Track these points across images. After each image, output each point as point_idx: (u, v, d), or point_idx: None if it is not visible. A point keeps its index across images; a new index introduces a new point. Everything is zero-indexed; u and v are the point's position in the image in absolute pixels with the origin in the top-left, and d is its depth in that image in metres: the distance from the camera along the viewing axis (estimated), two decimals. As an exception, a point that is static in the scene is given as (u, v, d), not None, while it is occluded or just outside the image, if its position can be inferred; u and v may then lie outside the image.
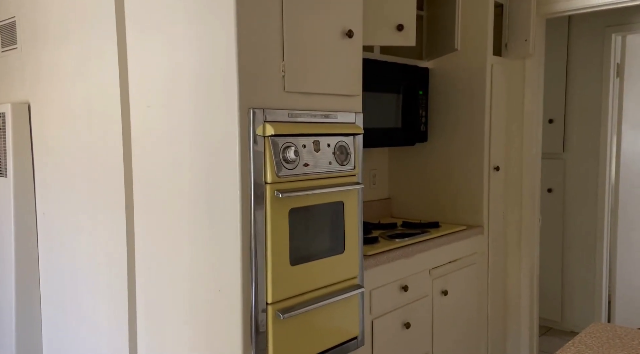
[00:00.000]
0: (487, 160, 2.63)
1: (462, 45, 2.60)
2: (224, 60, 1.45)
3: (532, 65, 2.67)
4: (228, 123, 1.46)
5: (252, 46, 1.46)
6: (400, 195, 2.94)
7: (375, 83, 2.39)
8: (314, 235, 1.68)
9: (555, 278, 3.65)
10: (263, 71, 1.49)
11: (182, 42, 1.56)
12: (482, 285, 2.67)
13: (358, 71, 1.82)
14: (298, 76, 1.60)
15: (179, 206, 1.63)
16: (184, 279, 1.63)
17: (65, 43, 1.90)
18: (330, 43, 1.70)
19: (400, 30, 2.11)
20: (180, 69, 1.57)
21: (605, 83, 3.37)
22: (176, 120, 1.60)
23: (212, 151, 1.52)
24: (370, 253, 2.03)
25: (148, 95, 1.68)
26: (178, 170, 1.62)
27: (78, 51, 1.85)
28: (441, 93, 2.70)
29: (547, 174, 3.60)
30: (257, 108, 1.48)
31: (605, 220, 3.45)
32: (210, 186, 1.53)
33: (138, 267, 1.78)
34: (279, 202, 1.53)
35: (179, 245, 1.64)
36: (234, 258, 1.48)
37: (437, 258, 2.36)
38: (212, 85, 1.49)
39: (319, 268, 1.68)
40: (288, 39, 1.56)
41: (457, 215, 2.71)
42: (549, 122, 3.57)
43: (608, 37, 3.32)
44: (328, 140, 1.70)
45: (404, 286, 2.14)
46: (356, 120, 1.83)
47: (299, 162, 1.59)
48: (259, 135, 1.49)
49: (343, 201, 1.77)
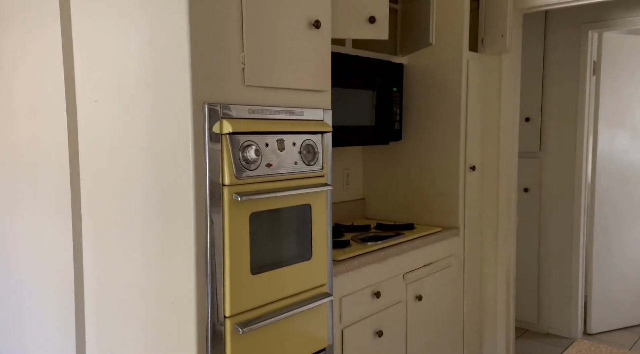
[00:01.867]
0: (462, 160, 2.54)
1: (438, 40, 2.51)
2: (175, 51, 1.31)
3: (508, 61, 2.59)
4: (180, 119, 1.32)
5: (207, 35, 1.33)
6: (374, 196, 2.83)
7: (346, 79, 2.27)
8: (278, 240, 1.56)
9: (531, 278, 3.60)
10: (220, 63, 1.36)
11: (131, 30, 1.42)
12: (457, 288, 2.59)
13: (326, 65, 1.70)
14: (260, 69, 1.47)
15: (130, 211, 1.49)
16: (136, 290, 1.49)
17: (4, 29, 1.74)
18: (296, 34, 1.57)
19: (372, 23, 2.00)
20: (130, 60, 1.43)
21: (582, 81, 3.32)
22: (126, 116, 1.46)
23: (164, 150, 1.38)
24: (340, 258, 1.92)
25: (95, 88, 1.54)
26: (129, 171, 1.48)
27: (19, 38, 1.69)
28: (416, 90, 2.60)
29: (523, 173, 3.54)
30: (213, 104, 1.35)
31: (582, 220, 3.41)
32: (163, 188, 1.39)
33: (87, 276, 1.63)
34: (238, 206, 1.40)
35: (130, 252, 1.50)
36: (188, 268, 1.35)
37: (411, 262, 2.26)
38: (163, 78, 1.36)
39: (283, 276, 1.56)
40: (248, 28, 1.43)
41: (433, 216, 2.61)
42: (526, 120, 3.51)
43: (585, 33, 3.27)
44: (293, 139, 1.58)
45: (376, 292, 2.04)
46: (325, 117, 1.71)
47: (260, 162, 1.47)
48: (216, 133, 1.36)
49: (310, 203, 1.65)
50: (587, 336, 3.51)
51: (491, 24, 2.57)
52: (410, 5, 2.49)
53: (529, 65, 3.45)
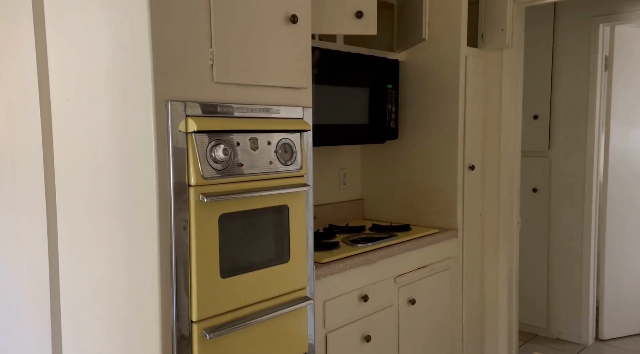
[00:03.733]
0: (461, 159, 2.45)
1: (435, 35, 2.43)
2: (137, 47, 1.27)
3: (510, 56, 2.49)
4: (143, 118, 1.29)
5: (170, 31, 1.28)
6: (373, 196, 2.76)
7: (338, 76, 2.21)
8: (252, 242, 1.51)
9: (540, 282, 3.47)
10: (185, 59, 1.32)
11: (97, 26, 1.39)
12: (456, 292, 2.50)
13: (306, 61, 1.64)
14: (231, 65, 1.42)
15: (99, 212, 1.46)
16: (106, 293, 1.46)
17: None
18: (271, 29, 1.52)
19: (359, 18, 1.94)
20: (96, 58, 1.40)
21: (593, 77, 3.18)
22: (93, 115, 1.43)
23: (128, 150, 1.34)
24: (325, 260, 1.86)
25: (67, 87, 1.51)
26: (97, 172, 1.44)
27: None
28: (412, 87, 2.53)
29: (531, 173, 3.42)
30: (177, 101, 1.30)
31: (593, 222, 3.28)
32: (128, 189, 1.36)
33: (62, 279, 1.61)
34: (205, 207, 1.36)
35: (99, 254, 1.47)
36: (152, 271, 1.31)
37: (403, 265, 2.19)
38: (127, 76, 1.32)
39: (257, 279, 1.51)
40: (217, 23, 1.38)
41: (431, 217, 2.53)
42: (534, 118, 3.39)
43: (595, 27, 3.14)
44: (268, 137, 1.53)
45: (364, 295, 1.97)
46: (304, 115, 1.66)
47: (231, 162, 1.42)
48: (182, 132, 1.32)
49: (288, 204, 1.60)
50: (598, 342, 3.38)
51: (491, 19, 2.47)
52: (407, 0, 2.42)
53: (537, 60, 3.33)
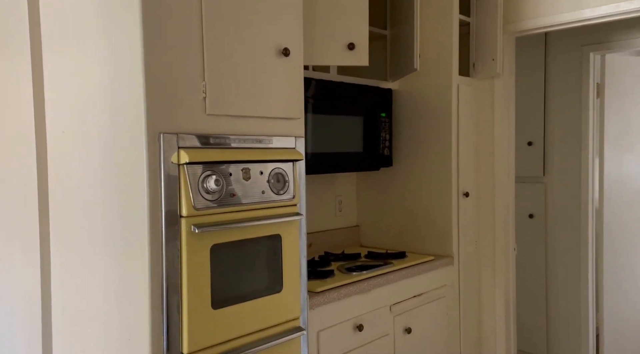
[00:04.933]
0: (455, 186, 2.47)
1: (427, 65, 2.47)
2: (130, 80, 1.30)
3: (501, 85, 2.53)
4: (136, 150, 1.30)
5: (163, 65, 1.31)
6: (368, 223, 2.77)
7: (332, 105, 2.24)
8: (245, 273, 1.51)
9: (539, 309, 3.44)
10: (178, 92, 1.35)
11: (92, 60, 1.42)
12: (453, 320, 2.48)
13: (298, 92, 1.67)
14: (223, 98, 1.45)
15: (91, 243, 1.46)
16: (96, 325, 1.46)
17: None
18: (263, 62, 1.55)
19: (351, 49, 1.98)
20: (91, 91, 1.43)
21: (585, 104, 3.23)
22: (87, 148, 1.45)
23: (121, 182, 1.36)
24: (319, 289, 1.86)
25: (62, 119, 1.53)
26: (90, 204, 1.45)
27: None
28: (406, 115, 2.56)
29: (527, 199, 3.43)
30: (169, 133, 1.32)
31: (590, 247, 3.27)
32: (120, 220, 1.37)
33: (54, 310, 1.60)
34: (196, 238, 1.36)
35: (91, 286, 1.47)
36: (142, 302, 1.31)
37: (399, 293, 2.18)
38: (120, 108, 1.34)
39: (250, 310, 1.51)
40: (210, 57, 1.41)
41: (426, 244, 2.53)
42: (528, 144, 3.42)
43: (586, 56, 3.20)
44: (261, 167, 1.54)
45: (359, 325, 1.96)
46: (296, 145, 1.68)
47: (223, 192, 1.43)
48: (174, 164, 1.34)
49: (280, 233, 1.60)
50: (600, 370, 3.33)
51: (482, 48, 2.52)
52: (398, 30, 2.47)
53: (530, 88, 3.38)
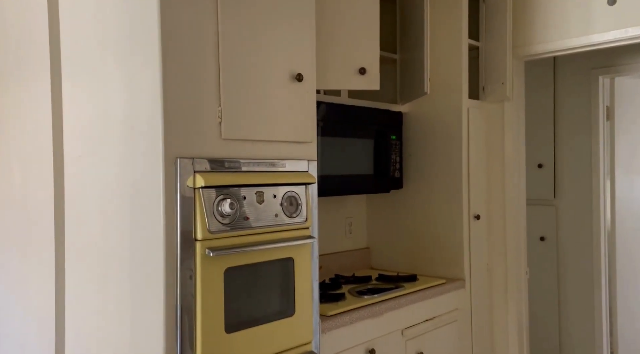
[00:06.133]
0: (466, 208, 2.47)
1: (437, 88, 2.49)
2: (148, 106, 1.33)
3: (511, 108, 2.55)
4: (152, 174, 1.32)
5: (181, 90, 1.34)
6: (379, 245, 2.76)
7: (343, 128, 2.27)
8: (257, 296, 1.51)
9: (552, 333, 3.39)
10: (194, 117, 1.37)
11: (110, 86, 1.46)
12: (464, 345, 2.45)
13: (311, 117, 1.70)
14: (238, 122, 1.47)
15: (107, 266, 1.47)
16: (110, 346, 1.46)
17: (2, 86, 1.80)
18: (277, 87, 1.58)
19: (362, 74, 2.01)
20: (109, 115, 1.46)
21: (595, 127, 3.23)
22: (105, 169, 1.47)
23: (138, 205, 1.38)
24: (331, 313, 1.85)
25: (80, 143, 1.56)
26: (107, 226, 1.47)
27: (14, 94, 1.75)
28: (416, 138, 2.57)
29: (538, 222, 3.41)
30: (185, 158, 1.34)
31: (603, 270, 3.23)
32: (136, 244, 1.38)
33: (68, 329, 1.61)
34: (211, 261, 1.37)
35: (105, 309, 1.48)
36: (157, 326, 1.31)
37: (411, 317, 2.16)
38: (137, 132, 1.37)
39: (262, 334, 1.50)
40: (226, 83, 1.44)
41: (437, 267, 2.52)
42: (538, 166, 3.42)
43: (595, 79, 3.21)
44: (274, 191, 1.56)
45: (371, 349, 1.94)
46: (309, 168, 1.69)
47: (237, 216, 1.44)
48: (189, 187, 1.35)
49: (293, 257, 1.61)
50: (615, 397, 3.26)
51: (491, 72, 2.55)
52: (408, 54, 2.50)
53: (539, 111, 3.39)
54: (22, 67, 1.71)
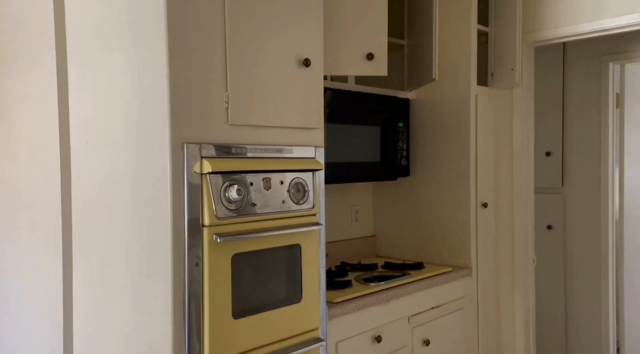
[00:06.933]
0: (474, 196, 2.45)
1: (445, 74, 2.47)
2: (155, 91, 1.32)
3: (520, 95, 2.52)
4: (159, 159, 1.32)
5: (187, 76, 1.33)
6: (385, 233, 2.75)
7: (349, 115, 2.25)
8: (264, 282, 1.51)
9: (558, 322, 3.39)
10: (201, 103, 1.36)
11: (117, 72, 1.44)
12: (471, 332, 2.45)
13: (318, 102, 1.68)
14: (245, 108, 1.46)
15: (115, 252, 1.47)
16: (118, 334, 1.46)
17: (7, 71, 1.80)
18: (284, 73, 1.57)
19: (370, 60, 1.98)
20: (116, 102, 1.45)
21: (604, 114, 3.19)
22: (112, 158, 1.47)
23: (145, 191, 1.37)
24: (337, 300, 1.85)
25: (87, 129, 1.55)
26: (114, 213, 1.47)
27: (20, 80, 1.74)
28: (424, 125, 2.55)
29: (546, 210, 3.39)
30: (193, 143, 1.34)
31: (610, 259, 3.22)
32: (143, 229, 1.38)
33: (76, 319, 1.61)
34: (218, 247, 1.37)
35: (114, 295, 1.48)
36: (165, 311, 1.31)
37: (417, 304, 2.16)
38: (144, 118, 1.36)
39: (269, 320, 1.50)
40: (232, 68, 1.43)
41: (444, 255, 2.51)
42: (546, 154, 3.39)
43: (605, 65, 3.17)
44: (281, 177, 1.55)
45: (377, 336, 1.94)
46: (316, 154, 1.68)
47: (244, 202, 1.44)
48: (196, 173, 1.35)
49: (300, 243, 1.60)
50: (621, 386, 3.26)
51: (500, 58, 2.52)
52: (416, 40, 2.47)
53: (548, 98, 3.35)
54: (28, 53, 1.70)
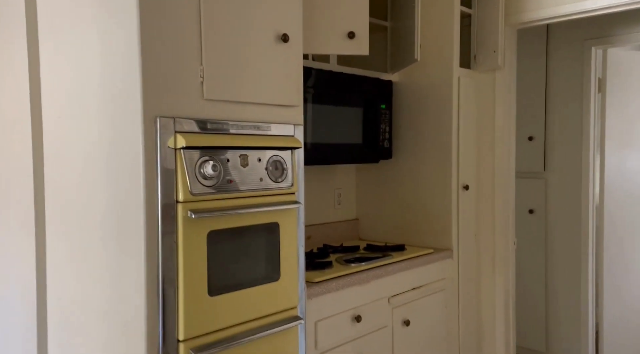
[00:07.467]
0: (455, 179, 2.45)
1: (428, 57, 2.45)
2: (127, 62, 1.29)
3: (502, 78, 2.52)
4: (132, 133, 1.29)
5: (160, 48, 1.30)
6: (367, 216, 2.75)
7: (331, 96, 2.23)
8: (242, 260, 1.50)
9: (538, 303, 3.43)
10: (175, 76, 1.33)
11: (88, 43, 1.41)
12: (451, 314, 2.47)
13: (297, 80, 1.66)
14: (221, 82, 1.43)
15: (88, 228, 1.45)
16: (92, 313, 1.44)
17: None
18: (262, 47, 1.54)
19: (351, 38, 1.96)
20: (87, 74, 1.41)
21: (586, 99, 3.20)
22: (84, 132, 1.43)
23: (117, 166, 1.34)
24: (317, 279, 1.84)
25: (59, 104, 1.52)
26: (87, 189, 1.44)
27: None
28: (406, 107, 2.54)
29: (528, 194, 3.41)
30: (166, 117, 1.31)
31: (590, 244, 3.25)
32: (117, 205, 1.35)
33: (49, 295, 1.59)
34: (193, 224, 1.35)
35: (89, 273, 1.45)
36: (138, 288, 1.29)
37: (398, 285, 2.16)
38: (116, 92, 1.33)
39: (247, 298, 1.49)
40: (207, 41, 1.40)
41: (425, 237, 2.52)
42: (529, 139, 3.40)
43: (588, 50, 3.18)
44: (259, 154, 1.53)
45: (357, 316, 1.94)
46: (295, 132, 1.66)
47: (220, 179, 1.42)
48: (170, 148, 1.32)
49: (278, 222, 1.59)
50: (599, 367, 3.32)
51: (483, 40, 2.51)
52: (399, 22, 2.45)
53: (531, 82, 3.36)
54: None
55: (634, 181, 3.34)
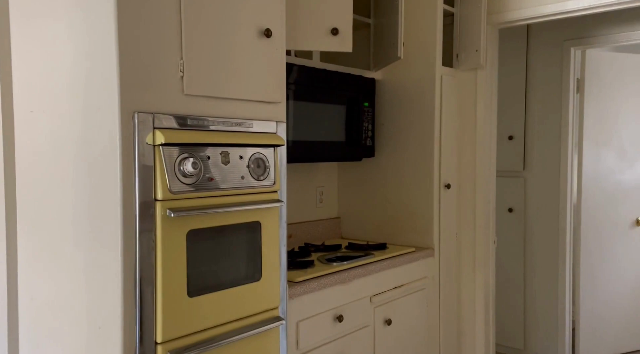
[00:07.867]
0: (437, 177, 2.45)
1: (411, 55, 2.44)
2: (104, 55, 1.24)
3: (484, 77, 2.52)
4: (108, 129, 1.24)
5: (138, 42, 1.25)
6: (349, 214, 2.74)
7: (314, 93, 2.20)
8: (222, 260, 1.46)
9: (517, 302, 3.47)
10: (154, 70, 1.29)
11: (63, 34, 1.35)
12: (432, 312, 2.47)
13: (280, 76, 1.63)
14: (202, 78, 1.39)
15: (62, 227, 1.39)
16: (66, 314, 1.39)
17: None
18: (244, 42, 1.50)
19: (335, 35, 1.94)
20: (61, 67, 1.36)
21: (565, 99, 3.24)
22: (58, 128, 1.38)
23: (94, 162, 1.30)
24: (299, 279, 1.82)
25: (31, 98, 1.46)
26: (61, 186, 1.39)
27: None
28: (389, 105, 2.53)
29: (507, 193, 3.44)
30: (145, 113, 1.26)
31: (568, 242, 3.30)
32: (93, 203, 1.30)
33: (21, 297, 1.53)
34: (172, 222, 1.31)
35: (62, 273, 1.40)
36: (114, 289, 1.25)
37: (380, 284, 2.15)
38: (92, 87, 1.28)
39: (227, 298, 1.46)
40: (188, 34, 1.36)
41: (406, 236, 2.51)
42: (509, 138, 3.43)
43: (567, 51, 3.21)
44: (240, 152, 1.49)
45: (339, 316, 1.93)
46: (278, 130, 1.63)
47: (201, 176, 1.38)
48: (149, 144, 1.28)
49: (260, 220, 1.56)
50: (575, 363, 3.37)
51: (466, 39, 2.51)
52: (382, 19, 2.43)
53: (512, 82, 3.39)
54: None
55: (611, 180, 3.40)
